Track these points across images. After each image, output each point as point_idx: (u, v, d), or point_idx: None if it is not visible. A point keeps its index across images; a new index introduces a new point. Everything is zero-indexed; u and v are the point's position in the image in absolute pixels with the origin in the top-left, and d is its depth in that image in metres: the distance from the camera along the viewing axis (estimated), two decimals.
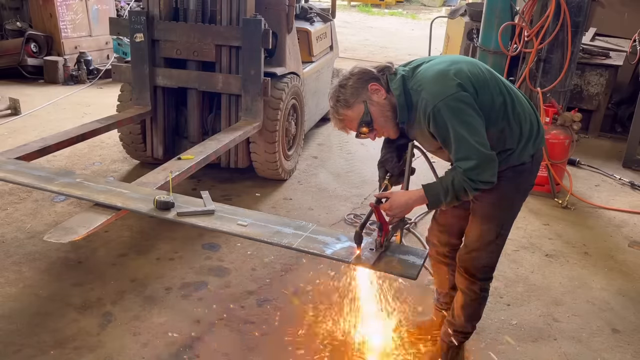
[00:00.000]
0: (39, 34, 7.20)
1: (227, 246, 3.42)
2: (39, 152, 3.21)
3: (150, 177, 2.92)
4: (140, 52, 3.98)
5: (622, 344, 2.75)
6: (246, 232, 2.32)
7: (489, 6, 5.11)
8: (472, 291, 2.31)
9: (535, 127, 2.13)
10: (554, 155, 4.32)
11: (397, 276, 2.20)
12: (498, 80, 2.08)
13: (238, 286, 3.04)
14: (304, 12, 5.16)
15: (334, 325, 2.70)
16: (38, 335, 2.56)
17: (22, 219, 3.63)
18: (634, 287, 3.25)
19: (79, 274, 3.07)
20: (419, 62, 2.13)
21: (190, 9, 3.96)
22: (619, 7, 6.87)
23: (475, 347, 2.64)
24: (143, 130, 4.28)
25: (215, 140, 3.57)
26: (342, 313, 2.77)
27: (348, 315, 2.74)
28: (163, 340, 2.58)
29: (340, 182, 4.54)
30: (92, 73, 7.34)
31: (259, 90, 3.87)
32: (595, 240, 3.80)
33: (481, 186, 1.97)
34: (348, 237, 2.24)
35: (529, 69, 4.70)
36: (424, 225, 3.73)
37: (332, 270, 3.11)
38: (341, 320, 2.73)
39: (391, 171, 2.26)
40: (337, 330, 2.67)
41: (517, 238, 3.71)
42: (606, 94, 5.96)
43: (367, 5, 18.67)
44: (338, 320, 2.73)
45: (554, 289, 3.19)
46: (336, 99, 2.09)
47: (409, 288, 2.97)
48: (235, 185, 4.36)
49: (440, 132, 1.97)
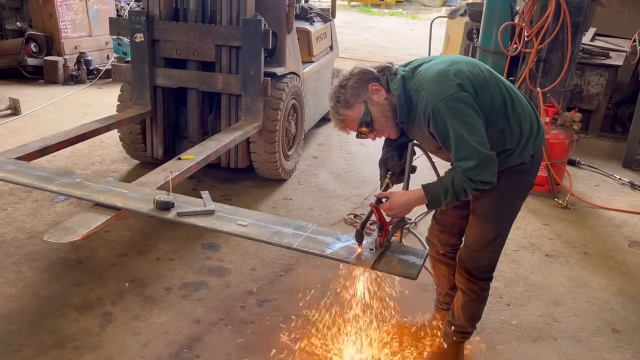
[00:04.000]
0: (39, 34, 7.20)
1: (227, 246, 3.42)
2: (39, 152, 3.21)
3: (150, 177, 2.92)
4: (140, 52, 3.98)
5: (622, 344, 2.75)
6: (246, 232, 2.32)
7: (489, 6, 5.11)
8: (472, 291, 2.31)
9: (535, 127, 2.13)
10: (554, 155, 4.32)
11: (397, 276, 2.20)
12: (498, 80, 2.09)
13: (238, 286, 3.04)
14: (304, 12, 5.16)
15: (334, 325, 2.70)
16: (38, 335, 2.56)
17: (22, 219, 3.63)
18: (634, 287, 3.25)
19: (79, 274, 3.07)
20: (419, 62, 2.14)
21: (190, 9, 3.96)
22: (619, 7, 6.87)
23: (475, 347, 2.64)
24: (143, 130, 4.28)
25: (215, 140, 3.57)
26: (342, 313, 2.78)
27: (348, 315, 2.75)
28: (163, 340, 2.58)
29: (340, 182, 4.54)
30: (92, 73, 7.34)
31: (259, 90, 3.87)
32: (595, 240, 3.79)
33: (481, 186, 1.97)
34: (348, 237, 2.24)
35: (529, 69, 4.70)
36: (424, 225, 3.73)
37: (331, 271, 3.11)
38: (341, 320, 2.73)
39: (392, 169, 2.27)
40: (337, 330, 2.67)
41: (517, 238, 3.71)
42: (606, 94, 5.96)
43: (367, 5, 18.67)
44: (338, 320, 2.73)
45: (554, 289, 3.19)
46: (336, 100, 2.09)
47: (409, 288, 2.97)
48: (235, 185, 4.36)
49: (439, 132, 1.97)
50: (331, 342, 2.59)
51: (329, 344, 2.58)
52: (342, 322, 2.72)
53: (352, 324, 2.70)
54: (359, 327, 2.67)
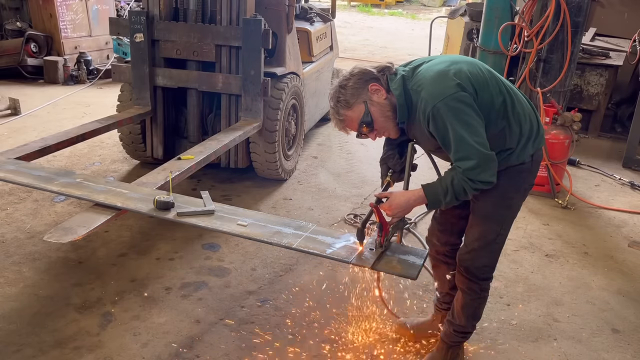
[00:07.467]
0: (39, 34, 7.21)
1: (227, 246, 3.43)
2: (39, 152, 3.21)
3: (150, 177, 2.92)
4: (140, 52, 3.98)
5: (622, 344, 2.75)
6: (246, 232, 2.32)
7: (489, 6, 5.11)
8: (472, 291, 2.31)
9: (535, 127, 2.13)
10: (554, 155, 4.32)
11: (397, 276, 2.20)
12: (498, 80, 2.09)
13: (238, 286, 3.04)
14: (304, 12, 5.17)
15: (334, 326, 2.70)
16: (38, 335, 2.56)
17: (22, 219, 3.63)
18: (634, 287, 3.25)
19: (79, 274, 3.07)
20: (419, 62, 2.14)
21: (190, 9, 3.96)
22: (619, 7, 6.87)
23: (475, 347, 2.64)
24: (143, 130, 4.28)
25: (215, 140, 3.57)
26: (342, 313, 2.78)
27: (348, 315, 2.75)
28: (163, 340, 2.58)
29: (340, 182, 4.54)
30: (92, 73, 7.35)
31: (259, 90, 3.87)
32: (595, 240, 3.80)
33: (480, 186, 1.97)
34: (348, 237, 2.24)
35: (529, 69, 4.70)
36: (424, 225, 3.73)
37: (332, 270, 3.11)
38: (342, 321, 2.73)
39: (393, 168, 2.27)
40: (338, 330, 2.67)
41: (517, 238, 3.71)
42: (606, 94, 5.96)
43: (367, 5, 18.68)
44: (338, 321, 2.73)
45: (554, 289, 3.19)
46: (337, 100, 2.09)
47: (409, 288, 2.98)
48: (235, 185, 4.36)
49: (439, 132, 1.97)
50: (331, 342, 2.59)
51: (328, 343, 2.59)
52: (341, 322, 2.72)
53: (352, 324, 2.70)
54: (359, 327, 2.68)
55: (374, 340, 2.61)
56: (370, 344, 2.59)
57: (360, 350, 2.55)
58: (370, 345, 2.58)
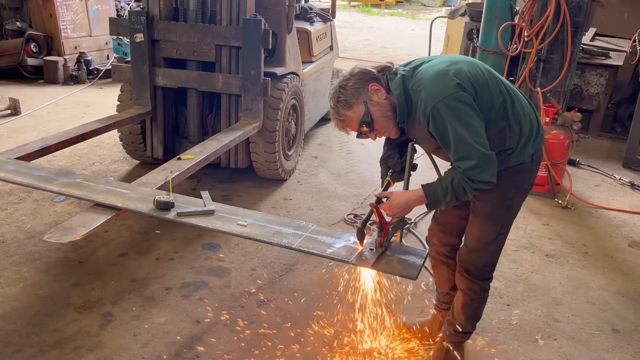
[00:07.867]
0: (39, 34, 7.21)
1: (227, 246, 3.43)
2: (39, 152, 3.21)
3: (150, 177, 2.92)
4: (140, 52, 3.98)
5: (622, 344, 2.75)
6: (246, 232, 2.32)
7: (489, 6, 5.11)
8: (472, 291, 2.31)
9: (535, 127, 2.13)
10: (554, 155, 4.32)
11: (397, 276, 2.20)
12: (498, 80, 2.09)
13: (238, 286, 3.04)
14: (304, 12, 5.17)
15: (334, 326, 2.70)
16: (38, 335, 2.56)
17: (22, 219, 3.63)
18: (634, 287, 3.25)
19: (79, 274, 3.07)
20: (419, 62, 2.14)
21: (190, 9, 3.97)
22: (619, 7, 6.87)
23: (475, 347, 2.64)
24: (143, 130, 4.28)
25: (215, 140, 3.57)
26: (342, 313, 2.78)
27: (349, 315, 2.75)
28: (163, 340, 2.58)
29: (340, 182, 4.54)
30: (92, 73, 7.35)
31: (259, 90, 3.87)
32: (595, 240, 3.80)
33: (480, 186, 1.97)
34: (348, 237, 2.24)
35: (529, 69, 4.70)
36: (424, 225, 3.73)
37: (332, 270, 3.11)
38: (342, 321, 2.73)
39: (393, 168, 2.27)
40: (338, 330, 2.67)
41: (517, 238, 3.71)
42: (606, 94, 5.96)
43: (367, 5, 18.68)
44: (338, 321, 2.73)
45: (554, 289, 3.19)
46: (337, 100, 2.09)
47: (409, 288, 2.97)
48: (235, 185, 4.36)
49: (439, 132, 1.97)
50: (332, 342, 2.59)
51: (328, 343, 2.59)
52: (342, 322, 2.72)
53: (352, 324, 2.70)
54: (358, 327, 2.68)
55: (374, 341, 2.60)
56: (370, 344, 2.58)
57: (360, 350, 2.54)
58: (370, 345, 2.58)
